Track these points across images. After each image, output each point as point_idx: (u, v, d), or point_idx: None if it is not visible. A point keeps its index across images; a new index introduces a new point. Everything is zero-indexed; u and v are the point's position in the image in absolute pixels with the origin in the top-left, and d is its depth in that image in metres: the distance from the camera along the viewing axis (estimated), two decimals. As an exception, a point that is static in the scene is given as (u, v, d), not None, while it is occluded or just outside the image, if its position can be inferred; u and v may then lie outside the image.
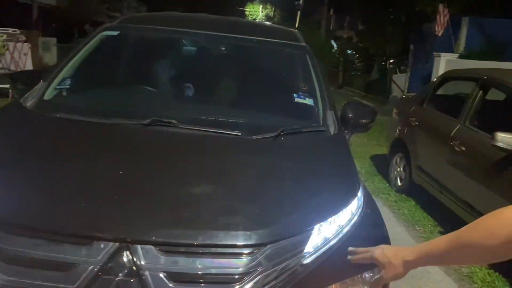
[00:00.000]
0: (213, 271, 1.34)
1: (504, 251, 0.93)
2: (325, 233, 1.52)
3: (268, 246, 1.39)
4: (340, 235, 1.55)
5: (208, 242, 1.36)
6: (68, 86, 2.33)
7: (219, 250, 1.37)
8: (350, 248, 1.42)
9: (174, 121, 1.93)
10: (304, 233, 1.47)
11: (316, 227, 1.50)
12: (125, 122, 1.96)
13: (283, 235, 1.43)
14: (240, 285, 1.33)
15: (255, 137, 1.97)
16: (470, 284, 3.22)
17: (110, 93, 2.50)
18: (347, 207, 1.64)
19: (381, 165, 6.13)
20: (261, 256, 1.37)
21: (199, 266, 1.33)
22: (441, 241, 1.08)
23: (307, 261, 1.43)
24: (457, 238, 1.03)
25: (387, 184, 5.49)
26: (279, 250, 1.40)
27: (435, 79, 6.12)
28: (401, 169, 5.20)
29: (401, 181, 5.21)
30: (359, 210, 1.70)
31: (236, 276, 1.34)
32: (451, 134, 4.07)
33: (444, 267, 3.39)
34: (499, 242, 0.92)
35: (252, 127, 2.05)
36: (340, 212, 1.60)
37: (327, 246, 1.50)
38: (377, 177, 5.82)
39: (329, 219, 1.55)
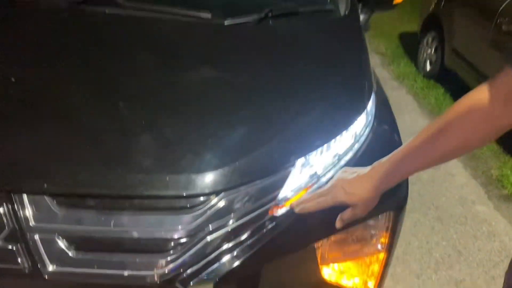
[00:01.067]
0: (135, 234, 0.92)
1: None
2: (312, 169, 1.05)
3: (222, 195, 0.95)
4: (335, 169, 1.09)
5: (129, 192, 0.92)
6: None
7: (146, 203, 0.94)
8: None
9: None
10: (278, 172, 1.01)
11: (299, 162, 1.03)
12: None
13: (247, 176, 0.97)
14: (176, 254, 0.92)
15: (228, 21, 1.40)
16: (499, 189, 2.81)
17: None
18: (348, 129, 1.14)
19: (410, 45, 5.40)
20: (210, 210, 0.94)
21: (115, 227, 0.91)
22: (416, 155, 0.85)
23: (281, 212, 0.99)
24: (425, 133, 0.84)
25: (415, 68, 4.86)
26: (239, 199, 0.96)
27: None
28: (432, 50, 4.51)
29: (430, 64, 4.55)
30: (367, 129, 1.21)
31: (171, 242, 0.93)
32: (499, 9, 3.31)
33: (470, 170, 2.97)
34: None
35: (228, 7, 1.47)
36: (338, 137, 1.11)
37: (314, 187, 1.04)
38: (404, 60, 5.16)
39: (320, 149, 1.07)
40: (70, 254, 0.91)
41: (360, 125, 1.19)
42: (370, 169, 0.92)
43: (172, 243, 0.92)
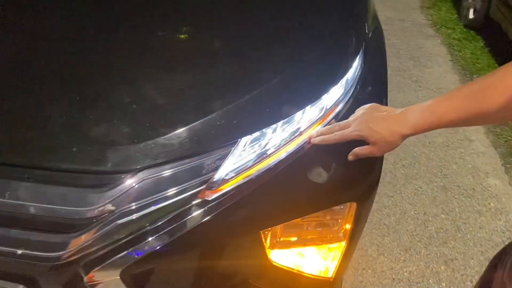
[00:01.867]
0: (32, 209, 0.80)
1: None
2: (261, 147, 0.90)
3: (140, 174, 0.81)
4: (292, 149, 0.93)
5: (28, 161, 0.80)
6: None
7: (48, 175, 0.81)
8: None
9: None
10: (214, 151, 0.85)
11: (243, 140, 0.88)
12: None
13: (173, 154, 0.82)
14: (79, 236, 0.81)
15: None
16: (519, 162, 2.57)
17: None
18: (315, 104, 0.96)
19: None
20: (125, 190, 0.80)
21: (10, 199, 0.80)
22: (452, 107, 0.80)
23: (214, 196, 0.86)
24: (474, 105, 0.77)
25: (456, 15, 4.40)
26: (161, 180, 0.82)
27: None
28: (479, -4, 4.02)
29: (474, 13, 4.09)
30: (343, 101, 1.03)
31: (74, 222, 0.81)
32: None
33: (492, 137, 2.72)
34: None
35: None
36: (297, 115, 0.94)
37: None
38: (446, 4, 4.67)
39: (271, 128, 0.91)
40: None
41: (333, 98, 1.00)
42: (401, 112, 0.88)
43: (75, 223, 0.80)
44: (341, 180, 0.97)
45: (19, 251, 0.80)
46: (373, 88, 1.17)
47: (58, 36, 1.01)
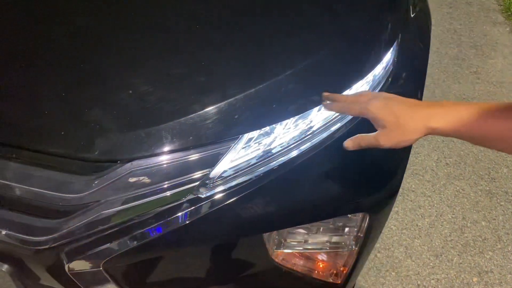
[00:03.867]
0: (17, 190, 0.78)
1: None
2: (267, 145, 0.83)
3: (129, 164, 0.77)
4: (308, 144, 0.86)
5: (15, 141, 0.78)
6: None
7: (35, 157, 0.79)
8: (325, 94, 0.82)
9: None
10: (212, 146, 0.79)
11: (246, 136, 0.81)
12: None
13: (167, 145, 0.77)
14: (63, 223, 0.78)
15: None
16: None
17: None
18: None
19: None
20: (113, 180, 0.77)
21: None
22: (500, 114, 0.63)
23: (209, 193, 0.80)
24: None
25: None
26: (152, 172, 0.77)
27: None
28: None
29: (553, -1, 3.68)
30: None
31: (58, 208, 0.79)
32: None
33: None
34: None
35: None
36: (318, 107, 0.85)
37: (264, 167, 0.83)
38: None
39: (286, 121, 0.83)
40: None
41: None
42: (430, 102, 0.70)
43: (60, 209, 0.78)
44: (353, 188, 0.88)
45: (3, 232, 0.79)
46: (407, 83, 1.06)
47: (54, 14, 0.96)
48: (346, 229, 0.97)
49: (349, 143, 0.77)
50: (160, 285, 0.90)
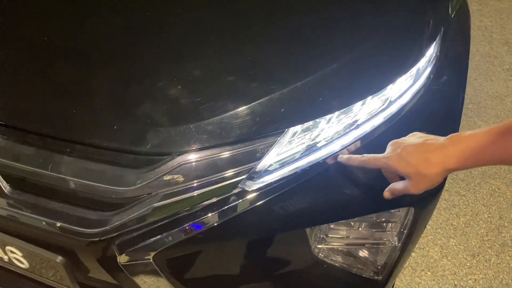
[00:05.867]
0: (72, 184, 0.81)
1: None
2: (311, 138, 0.83)
3: (179, 158, 0.78)
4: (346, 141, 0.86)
5: (69, 136, 0.81)
6: None
7: (89, 151, 0.81)
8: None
9: None
10: (258, 139, 0.80)
11: (291, 130, 0.81)
12: None
13: (215, 139, 0.78)
14: (115, 215, 0.81)
15: None
16: None
17: None
18: (384, 89, 0.87)
19: None
20: (163, 173, 0.78)
21: (52, 172, 0.81)
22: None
23: (255, 187, 0.81)
24: None
25: None
26: (201, 165, 0.79)
27: None
28: None
29: None
30: (418, 87, 0.93)
31: (111, 201, 0.81)
32: None
33: None
34: None
35: None
36: (357, 105, 0.85)
37: (309, 161, 0.83)
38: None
39: (331, 115, 0.84)
40: (5, 190, 0.85)
41: (399, 89, 0.90)
42: (445, 140, 0.72)
43: (112, 202, 0.80)
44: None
45: (58, 224, 0.82)
46: (450, 78, 1.05)
47: (108, 10, 0.99)
48: (389, 225, 0.96)
49: (387, 194, 0.80)
50: (208, 278, 0.91)
